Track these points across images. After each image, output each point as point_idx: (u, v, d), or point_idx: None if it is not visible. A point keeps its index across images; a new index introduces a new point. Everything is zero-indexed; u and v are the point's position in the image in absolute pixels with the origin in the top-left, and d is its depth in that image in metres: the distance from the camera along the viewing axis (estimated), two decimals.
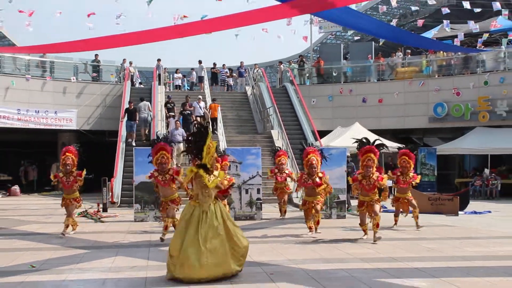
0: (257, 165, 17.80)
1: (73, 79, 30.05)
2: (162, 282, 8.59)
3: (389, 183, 25.28)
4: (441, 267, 9.66)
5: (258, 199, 17.64)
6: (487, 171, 25.88)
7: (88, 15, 29.33)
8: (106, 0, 36.89)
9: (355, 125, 26.86)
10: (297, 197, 20.85)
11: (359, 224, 13.01)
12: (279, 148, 19.12)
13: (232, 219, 9.24)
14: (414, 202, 15.05)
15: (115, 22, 30.87)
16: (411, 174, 15.07)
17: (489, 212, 19.25)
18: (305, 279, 8.73)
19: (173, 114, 26.36)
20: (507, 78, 26.86)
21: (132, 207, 17.87)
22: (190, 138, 9.31)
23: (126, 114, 25.44)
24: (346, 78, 32.58)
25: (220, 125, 25.54)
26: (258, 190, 17.67)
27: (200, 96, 27.22)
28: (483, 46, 29.87)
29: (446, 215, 17.65)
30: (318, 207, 13.68)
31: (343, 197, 17.76)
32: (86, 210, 18.26)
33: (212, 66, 33.91)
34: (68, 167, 13.66)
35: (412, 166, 15.23)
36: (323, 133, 27.12)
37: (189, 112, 25.48)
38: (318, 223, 13.83)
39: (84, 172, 14.17)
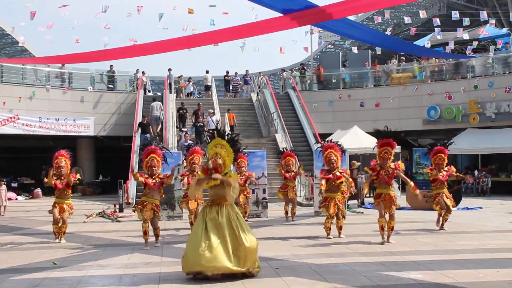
0: (263, 167, 17.85)
1: (90, 88, 30.19)
2: (176, 277, 8.59)
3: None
4: (436, 260, 9.65)
5: (264, 198, 17.69)
6: (476, 172, 25.88)
7: (104, 26, 29.33)
8: (119, 15, 36.96)
9: (353, 128, 26.83)
10: (300, 196, 20.90)
11: (378, 218, 11.68)
12: (285, 149, 18.20)
13: (244, 222, 8.86)
14: (449, 201, 13.74)
15: (128, 36, 30.89)
16: (446, 168, 13.87)
17: (481, 208, 19.21)
18: (309, 273, 8.72)
19: (185, 129, 25.71)
20: (495, 82, 26.86)
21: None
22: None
23: (140, 128, 25.01)
24: (344, 84, 32.57)
25: (228, 129, 25.56)
26: (264, 190, 17.73)
27: (211, 110, 26.66)
28: (472, 53, 29.88)
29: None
30: (340, 213, 12.60)
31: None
32: (103, 211, 18.33)
33: (225, 74, 33.77)
34: (61, 169, 12.64)
35: (446, 162, 14.02)
36: (324, 136, 26.94)
37: (202, 124, 25.21)
38: (341, 228, 12.64)
39: (78, 176, 13.54)
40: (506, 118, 26.18)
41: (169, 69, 32.41)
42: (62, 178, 12.67)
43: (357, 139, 24.27)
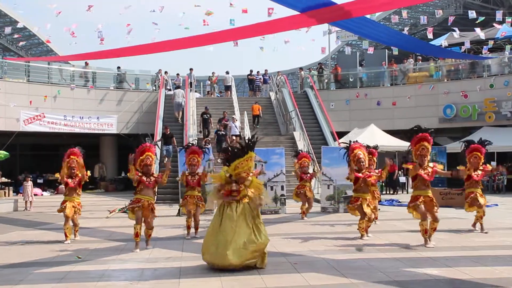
0: (281, 164, 17.80)
1: (112, 87, 30.44)
2: (196, 271, 8.64)
3: (402, 179, 25.22)
4: (452, 256, 9.57)
5: (282, 195, 17.67)
6: (493, 163, 25.57)
7: (127, 25, 29.41)
8: (142, 14, 37.10)
9: (370, 127, 26.73)
10: (318, 193, 20.81)
11: (421, 221, 10.73)
12: (300, 151, 18.15)
13: (260, 219, 9.04)
14: (481, 200, 12.86)
15: (150, 35, 31.01)
16: (481, 167, 12.95)
17: (496, 205, 19.02)
18: (326, 268, 8.69)
19: (208, 138, 24.95)
20: (511, 81, 26.59)
21: (166, 204, 18.00)
22: (229, 149, 9.47)
23: (163, 139, 24.15)
24: (361, 83, 32.47)
25: (246, 127, 25.52)
26: (282, 187, 17.69)
27: (234, 116, 26.24)
28: (488, 53, 29.61)
29: (455, 208, 17.43)
30: (373, 216, 12.13)
31: (350, 192, 17.64)
32: (125, 206, 18.38)
33: (249, 73, 33.63)
34: (73, 171, 12.35)
35: (482, 161, 13.01)
36: (341, 134, 27.01)
37: (224, 133, 24.63)
38: (366, 230, 11.92)
39: (89, 173, 12.94)
40: None
41: (191, 69, 32.47)
42: (74, 176, 12.38)
43: (374, 137, 24.13)
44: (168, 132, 24.05)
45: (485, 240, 11.46)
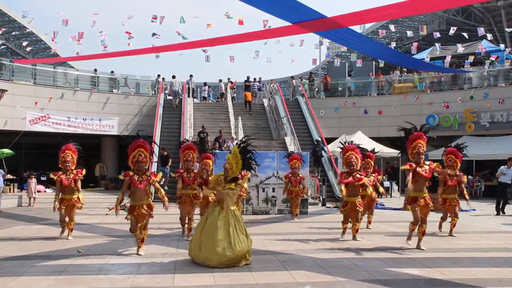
0: (273, 167, 17.81)
1: (115, 90, 30.40)
2: (190, 267, 8.62)
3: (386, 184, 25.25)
4: (432, 257, 9.59)
5: (273, 196, 17.67)
6: (470, 177, 25.69)
7: (129, 33, 29.30)
8: (143, 22, 37.06)
9: (357, 133, 26.77)
10: (312, 198, 20.86)
11: (412, 223, 10.62)
12: (292, 152, 17.87)
13: (243, 227, 9.00)
14: (457, 208, 12.64)
15: (150, 44, 30.88)
16: (458, 172, 12.57)
17: (474, 210, 19.04)
18: (313, 266, 8.69)
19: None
20: (490, 93, 26.78)
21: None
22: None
23: (160, 160, 22.84)
24: (350, 92, 32.53)
25: (240, 132, 25.49)
26: (273, 189, 17.70)
27: (234, 136, 25.48)
28: (470, 67, 29.81)
29: (436, 212, 17.41)
30: (359, 215, 11.71)
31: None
32: (124, 204, 18.27)
33: (246, 79, 33.44)
34: (67, 164, 11.54)
35: (459, 165, 12.64)
36: (329, 140, 27.08)
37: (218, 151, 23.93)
38: (357, 231, 11.68)
39: (84, 171, 12.08)
40: (499, 127, 26.07)
41: (191, 75, 32.43)
42: (68, 173, 11.60)
43: (360, 144, 24.08)
44: (165, 154, 22.82)
45: (463, 243, 11.49)
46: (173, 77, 30.80)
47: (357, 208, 11.55)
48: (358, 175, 11.67)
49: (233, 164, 9.15)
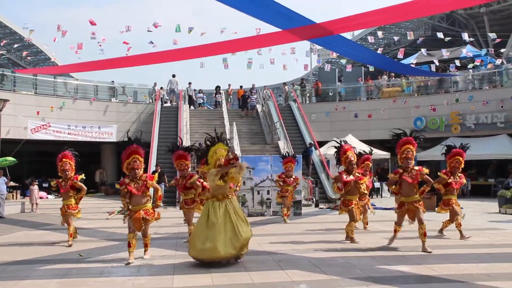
0: (267, 171, 17.80)
1: (114, 99, 30.37)
2: (188, 268, 8.61)
3: (376, 184, 25.27)
4: (422, 254, 9.62)
5: (268, 199, 17.66)
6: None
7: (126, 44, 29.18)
8: (140, 32, 37.03)
9: (348, 137, 26.70)
10: (305, 199, 20.85)
11: (396, 223, 10.66)
12: (287, 154, 17.48)
13: (241, 214, 9.21)
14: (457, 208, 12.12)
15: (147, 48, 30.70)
16: (459, 174, 12.21)
17: (462, 208, 19.06)
18: (308, 266, 8.68)
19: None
20: (474, 96, 26.85)
21: (162, 205, 17.85)
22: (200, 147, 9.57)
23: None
24: (340, 97, 32.53)
25: (235, 136, 25.46)
26: (268, 191, 17.68)
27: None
28: (456, 70, 29.92)
29: (425, 212, 17.42)
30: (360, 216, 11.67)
31: (299, 197, 17.67)
32: (122, 208, 18.22)
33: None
34: (67, 173, 11.50)
35: (462, 166, 12.29)
36: (321, 143, 27.10)
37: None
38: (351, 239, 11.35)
39: (81, 176, 11.99)
40: (484, 128, 26.15)
41: (189, 83, 32.51)
42: (66, 180, 11.55)
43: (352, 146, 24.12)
44: (159, 170, 21.83)
45: (451, 240, 11.52)
46: (173, 76, 32.09)
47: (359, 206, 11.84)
48: (357, 174, 11.66)
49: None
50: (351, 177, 11.48)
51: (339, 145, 12.11)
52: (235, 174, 9.03)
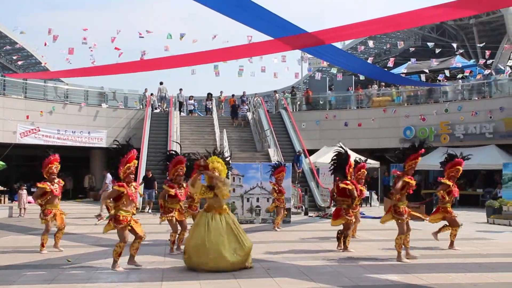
0: (257, 178, 17.78)
1: (104, 105, 30.25)
2: (177, 275, 8.59)
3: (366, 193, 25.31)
4: (410, 263, 9.64)
5: (257, 206, 17.63)
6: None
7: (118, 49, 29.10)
8: (132, 37, 36.94)
9: (338, 145, 26.85)
10: (295, 207, 20.82)
11: (399, 234, 10.16)
12: (279, 162, 17.44)
13: (238, 225, 9.29)
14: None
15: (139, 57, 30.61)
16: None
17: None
18: (297, 274, 8.69)
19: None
20: (464, 106, 27.01)
21: (151, 213, 17.84)
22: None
23: (144, 182, 21.55)
24: (330, 105, 32.61)
25: (225, 144, 25.46)
26: (258, 199, 17.66)
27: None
28: (445, 80, 30.11)
29: (414, 221, 17.47)
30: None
31: (288, 205, 17.46)
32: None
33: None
34: (53, 176, 11.08)
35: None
36: (311, 152, 27.15)
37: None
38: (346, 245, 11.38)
39: (62, 181, 11.42)
40: (473, 138, 26.28)
41: (180, 89, 32.56)
42: (54, 184, 11.08)
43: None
44: (150, 176, 21.69)
45: (440, 250, 11.56)
46: (161, 83, 32.27)
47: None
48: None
49: (222, 170, 9.33)
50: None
51: (344, 152, 12.01)
52: (217, 189, 9.07)
